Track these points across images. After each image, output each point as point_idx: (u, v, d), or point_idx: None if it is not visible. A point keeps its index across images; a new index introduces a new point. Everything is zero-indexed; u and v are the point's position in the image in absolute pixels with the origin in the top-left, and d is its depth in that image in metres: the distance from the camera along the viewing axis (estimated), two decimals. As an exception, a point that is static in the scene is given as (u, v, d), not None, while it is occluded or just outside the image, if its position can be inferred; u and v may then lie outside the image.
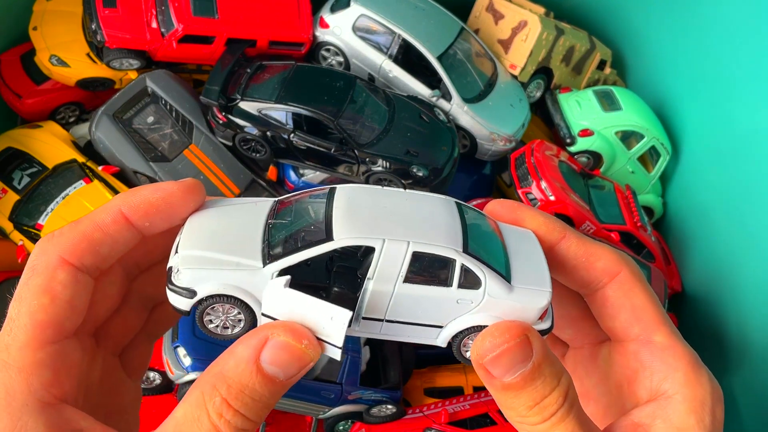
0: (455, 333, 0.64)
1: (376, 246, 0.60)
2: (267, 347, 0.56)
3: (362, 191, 0.66)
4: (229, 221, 0.65)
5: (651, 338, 0.66)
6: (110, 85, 1.89)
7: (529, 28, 2.02)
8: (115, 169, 1.75)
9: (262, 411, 0.57)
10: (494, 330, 0.59)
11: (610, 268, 0.67)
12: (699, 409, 0.62)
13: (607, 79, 2.29)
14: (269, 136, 1.74)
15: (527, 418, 0.59)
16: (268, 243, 0.63)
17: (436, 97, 1.89)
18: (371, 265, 0.61)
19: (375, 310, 0.63)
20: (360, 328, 0.64)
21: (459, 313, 0.64)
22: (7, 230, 1.68)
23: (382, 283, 0.62)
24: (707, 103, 1.98)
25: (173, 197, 0.63)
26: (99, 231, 0.61)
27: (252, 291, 0.61)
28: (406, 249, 0.61)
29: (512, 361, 0.58)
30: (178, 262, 0.61)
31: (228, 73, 1.75)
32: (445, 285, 0.62)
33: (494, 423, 1.67)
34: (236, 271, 0.61)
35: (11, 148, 1.76)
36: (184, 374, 1.54)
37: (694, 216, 2.06)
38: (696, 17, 1.98)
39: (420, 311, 0.63)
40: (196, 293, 0.61)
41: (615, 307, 0.68)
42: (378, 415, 1.69)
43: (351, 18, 1.89)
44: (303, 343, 0.57)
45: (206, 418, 0.54)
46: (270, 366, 0.56)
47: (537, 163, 1.89)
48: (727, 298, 1.84)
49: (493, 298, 0.63)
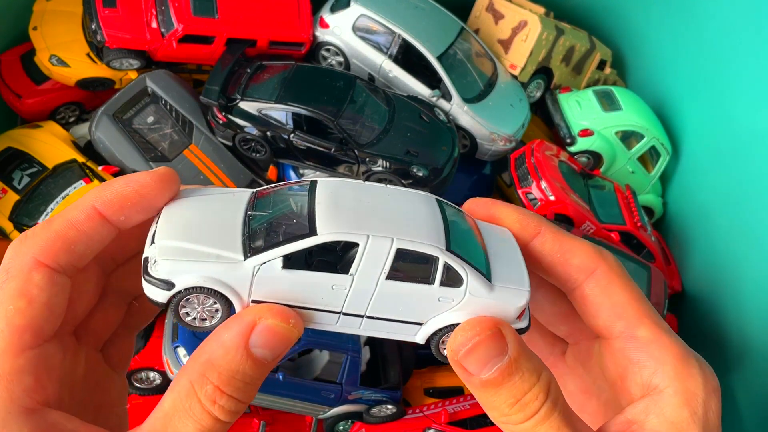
0: (434, 331, 0.64)
1: (360, 242, 0.60)
2: (255, 332, 0.56)
3: (344, 185, 0.65)
4: (207, 211, 0.64)
5: (635, 334, 0.65)
6: (110, 85, 1.89)
7: (529, 28, 2.02)
8: (115, 169, 1.75)
9: (253, 391, 0.57)
10: (465, 325, 0.59)
11: (586, 265, 0.66)
12: (692, 402, 0.61)
13: (607, 79, 2.29)
14: (269, 136, 1.74)
15: (510, 416, 0.59)
16: (248, 235, 0.62)
17: (436, 97, 1.89)
18: (354, 262, 0.61)
19: (356, 307, 0.63)
20: (340, 324, 0.64)
21: (439, 310, 0.63)
22: (7, 230, 1.68)
23: (365, 279, 0.61)
24: (707, 103, 1.98)
25: (147, 188, 0.61)
26: (73, 229, 0.59)
27: (232, 284, 0.60)
28: (390, 246, 0.60)
29: (486, 355, 0.57)
30: (156, 253, 0.59)
31: (228, 73, 1.75)
32: (426, 283, 0.62)
33: (494, 423, 1.67)
34: (216, 263, 0.60)
35: (11, 148, 1.76)
36: (184, 374, 1.54)
37: (694, 216, 2.06)
38: (696, 17, 1.98)
39: (401, 308, 0.63)
40: (174, 285, 0.60)
41: (595, 305, 0.66)
42: (378, 415, 1.69)
43: (351, 18, 1.89)
44: (291, 323, 0.57)
45: (198, 406, 0.54)
46: (259, 350, 0.56)
47: (537, 163, 1.89)
48: (727, 298, 1.84)
49: (473, 296, 0.63)
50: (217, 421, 0.55)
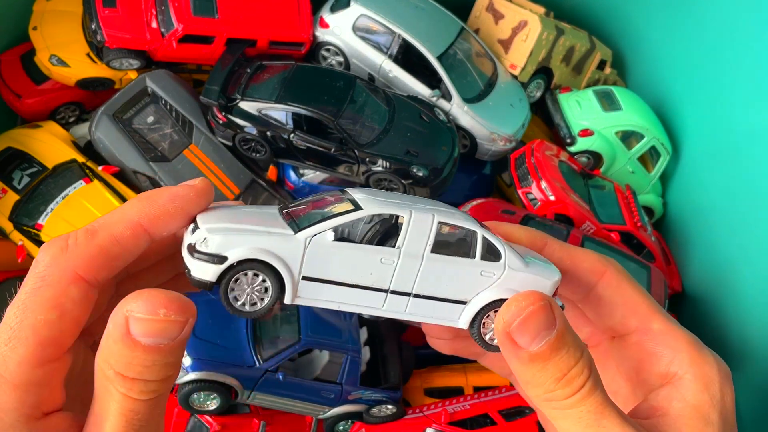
0: (478, 310, 0.66)
1: (405, 215, 0.63)
2: (131, 323, 0.53)
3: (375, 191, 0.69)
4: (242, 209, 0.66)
5: (649, 327, 0.69)
6: (110, 85, 1.89)
7: (529, 28, 2.02)
8: (115, 169, 1.75)
9: (164, 369, 0.55)
10: (518, 296, 0.61)
11: (596, 268, 0.70)
12: (710, 386, 0.64)
13: (607, 79, 2.29)
14: (269, 136, 1.74)
15: (555, 392, 0.60)
16: (292, 220, 0.64)
17: (436, 97, 1.89)
18: (400, 235, 0.63)
19: (403, 283, 0.64)
20: (387, 306, 0.65)
21: (482, 286, 0.65)
22: (7, 230, 1.68)
23: (411, 252, 0.63)
24: (707, 103, 1.98)
25: (191, 204, 0.62)
26: (117, 246, 0.59)
27: (285, 257, 0.61)
28: (432, 219, 0.63)
29: (538, 327, 0.59)
30: (204, 233, 0.60)
31: (228, 73, 1.75)
32: (468, 256, 0.65)
33: (494, 423, 1.67)
34: (268, 236, 0.61)
35: (11, 148, 1.76)
36: (184, 374, 1.54)
37: (694, 216, 2.06)
38: (696, 17, 1.98)
39: (446, 283, 0.65)
40: (226, 258, 0.60)
41: (609, 305, 0.70)
42: (378, 415, 1.69)
43: (351, 18, 1.89)
44: (160, 313, 0.53)
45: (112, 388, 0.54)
46: (144, 338, 0.53)
47: (537, 163, 1.89)
48: (727, 298, 1.84)
49: (513, 270, 0.65)
50: (135, 401, 0.54)
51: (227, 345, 1.58)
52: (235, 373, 1.55)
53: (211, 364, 1.54)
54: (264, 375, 1.58)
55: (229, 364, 1.55)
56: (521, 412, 1.69)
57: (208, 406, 1.58)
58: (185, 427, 1.63)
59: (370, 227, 0.67)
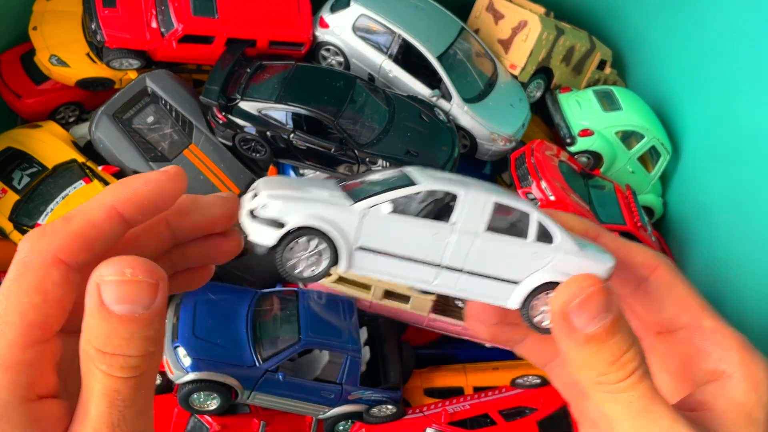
0: (530, 291, 0.66)
1: (461, 193, 0.63)
2: (102, 291, 0.53)
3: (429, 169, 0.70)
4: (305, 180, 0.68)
5: (700, 324, 0.69)
6: (110, 85, 1.89)
7: (529, 28, 2.02)
8: (115, 169, 1.75)
9: (143, 342, 0.55)
10: (578, 278, 0.61)
11: (649, 263, 0.70)
12: (759, 386, 0.64)
13: (607, 79, 2.29)
14: (269, 136, 1.74)
15: (608, 375, 0.60)
16: (351, 192, 0.65)
17: (436, 97, 1.89)
18: (454, 212, 0.64)
19: (456, 259, 0.65)
20: (438, 282, 0.65)
21: (535, 268, 0.66)
22: (7, 230, 1.68)
23: (465, 229, 0.64)
24: (707, 103, 1.98)
25: (163, 188, 0.62)
26: (93, 229, 0.60)
27: (342, 225, 0.62)
28: (487, 198, 0.64)
29: (597, 308, 0.59)
30: (264, 198, 0.62)
31: (228, 73, 1.75)
32: (522, 236, 0.65)
33: (494, 423, 1.67)
34: (327, 205, 0.62)
35: (11, 148, 1.76)
36: (184, 374, 1.54)
37: (694, 216, 2.06)
38: (696, 17, 1.98)
39: (499, 262, 0.65)
40: (285, 224, 0.61)
41: (660, 300, 0.70)
42: (378, 415, 1.69)
43: (351, 18, 1.89)
44: (127, 273, 0.53)
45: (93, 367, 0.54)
46: (118, 306, 0.53)
47: (537, 163, 1.89)
48: (728, 298, 1.84)
49: (566, 254, 0.65)
50: (117, 379, 0.55)
51: (227, 345, 1.59)
52: (235, 373, 1.55)
53: (211, 364, 1.54)
54: (264, 375, 1.58)
55: (229, 364, 1.56)
56: (521, 412, 1.70)
57: (208, 406, 1.58)
58: (185, 427, 1.63)
59: (424, 206, 0.67)
